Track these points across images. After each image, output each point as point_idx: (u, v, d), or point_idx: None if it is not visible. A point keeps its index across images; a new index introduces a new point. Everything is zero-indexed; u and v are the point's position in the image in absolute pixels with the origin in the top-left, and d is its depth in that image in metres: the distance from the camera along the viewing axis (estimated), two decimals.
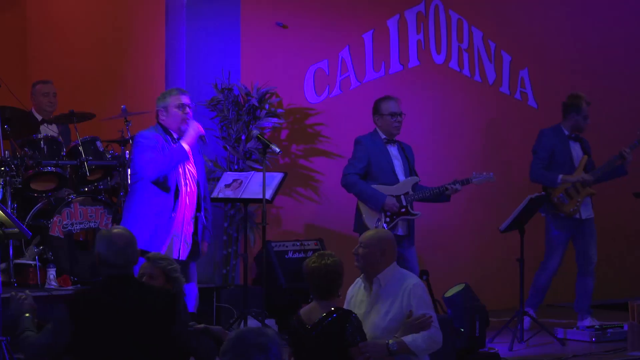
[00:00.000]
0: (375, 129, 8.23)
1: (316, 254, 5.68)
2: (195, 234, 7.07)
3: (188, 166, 6.95)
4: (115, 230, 5.13)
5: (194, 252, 7.07)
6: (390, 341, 5.55)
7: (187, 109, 6.94)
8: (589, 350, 7.87)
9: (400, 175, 8.17)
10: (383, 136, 8.18)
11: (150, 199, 6.81)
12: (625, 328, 7.93)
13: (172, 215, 6.79)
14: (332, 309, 5.51)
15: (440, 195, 8.19)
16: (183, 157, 6.79)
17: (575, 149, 8.95)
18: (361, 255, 5.90)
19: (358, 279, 6.03)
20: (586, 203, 8.89)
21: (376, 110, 8.21)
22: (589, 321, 8.73)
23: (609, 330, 8.23)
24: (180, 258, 6.89)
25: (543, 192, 8.54)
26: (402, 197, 8.08)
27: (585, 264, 8.90)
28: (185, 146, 6.81)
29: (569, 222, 8.83)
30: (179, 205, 6.83)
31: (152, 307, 4.92)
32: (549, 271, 8.89)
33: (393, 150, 8.23)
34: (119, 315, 4.87)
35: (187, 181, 6.90)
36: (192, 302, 6.93)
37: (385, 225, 8.05)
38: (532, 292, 8.92)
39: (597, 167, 8.94)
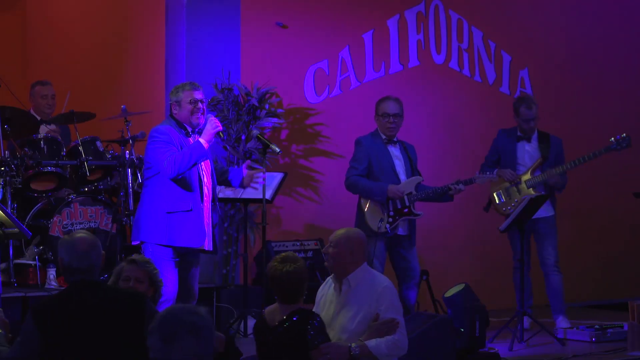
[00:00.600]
0: (377, 129, 8.25)
1: (279, 257, 5.49)
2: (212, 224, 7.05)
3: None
4: (77, 235, 4.94)
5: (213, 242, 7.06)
6: (353, 344, 5.47)
7: (200, 104, 6.91)
8: (589, 350, 7.86)
9: (402, 175, 8.18)
10: (383, 136, 8.19)
11: (181, 193, 6.76)
12: (625, 328, 7.93)
13: (202, 206, 6.79)
14: (294, 311, 5.41)
15: (443, 195, 8.18)
16: (202, 154, 6.70)
17: (529, 150, 8.72)
18: (330, 254, 5.79)
19: (328, 278, 5.95)
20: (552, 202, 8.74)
21: (375, 110, 8.23)
22: (560, 321, 8.57)
23: (609, 330, 8.23)
24: (209, 249, 6.89)
25: (543, 192, 8.53)
26: (405, 197, 8.08)
27: (542, 264, 8.77)
28: (204, 142, 6.76)
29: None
30: (204, 196, 6.84)
31: (120, 310, 4.74)
32: (515, 270, 8.77)
33: (394, 151, 8.23)
34: (87, 321, 4.69)
35: (204, 171, 6.90)
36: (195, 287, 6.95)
37: (387, 225, 8.05)
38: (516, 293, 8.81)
39: (541, 174, 8.74)
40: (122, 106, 8.54)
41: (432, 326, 6.93)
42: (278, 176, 8.21)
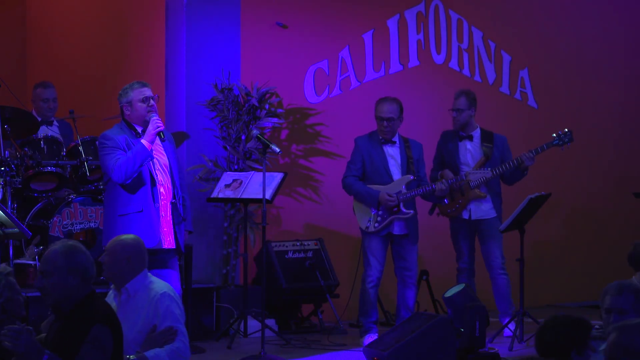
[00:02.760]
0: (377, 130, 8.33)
1: None
2: (173, 223, 6.98)
3: (158, 156, 6.89)
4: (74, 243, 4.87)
5: (176, 241, 6.99)
6: (131, 357, 5.23)
7: (152, 101, 6.87)
8: None
9: (395, 175, 8.22)
10: (380, 136, 8.24)
11: (130, 195, 6.77)
12: None
13: (156, 206, 6.77)
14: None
15: (430, 195, 8.24)
16: (146, 156, 6.68)
17: (470, 149, 8.60)
18: (105, 263, 5.58)
19: (111, 289, 5.75)
20: (479, 204, 8.56)
21: (374, 110, 8.30)
22: (509, 323, 8.42)
23: None
24: (168, 247, 6.86)
25: (543, 192, 8.52)
26: (395, 195, 8.12)
27: (488, 267, 8.61)
28: (146, 143, 6.74)
29: (458, 222, 8.60)
30: (158, 195, 6.80)
31: None
32: (462, 273, 8.58)
33: (390, 150, 8.26)
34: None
35: (159, 171, 6.86)
36: (177, 289, 6.87)
37: (377, 225, 8.11)
38: None
39: (496, 167, 8.59)
40: None
41: (432, 326, 6.94)
42: (278, 176, 8.22)
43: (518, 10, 10.69)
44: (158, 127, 6.77)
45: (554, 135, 8.59)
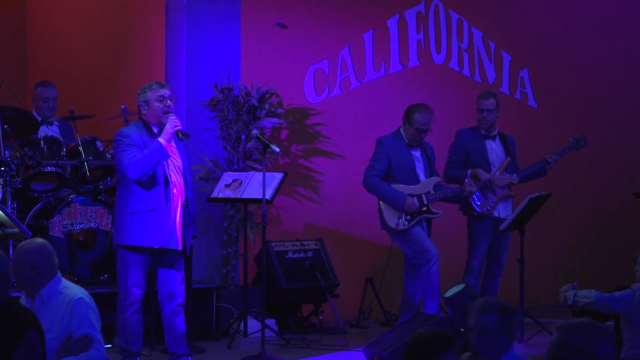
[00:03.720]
0: (400, 130, 8.36)
1: None
2: (182, 225, 6.98)
3: (172, 157, 6.89)
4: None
5: (184, 243, 7.00)
6: None
7: (169, 102, 6.89)
8: None
9: (422, 176, 8.35)
10: (406, 140, 8.29)
11: (143, 194, 6.78)
12: None
13: (168, 206, 6.77)
14: None
15: (459, 196, 8.35)
16: (162, 154, 6.71)
17: (495, 149, 8.75)
18: (13, 271, 5.27)
19: (23, 294, 5.57)
20: (505, 203, 8.69)
21: (408, 116, 8.33)
22: None
23: None
24: (176, 248, 6.86)
25: (543, 192, 8.52)
26: (424, 196, 8.26)
27: (495, 266, 8.72)
28: (163, 142, 6.75)
29: (485, 221, 8.65)
30: (170, 195, 6.81)
31: None
32: (472, 271, 8.71)
33: (415, 153, 8.38)
34: None
35: (173, 172, 6.87)
36: (182, 292, 6.90)
37: (406, 223, 8.19)
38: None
39: (520, 170, 8.75)
40: (122, 106, 8.54)
41: (432, 326, 6.93)
42: (278, 176, 8.22)
43: (518, 10, 10.69)
44: (176, 125, 6.80)
45: (571, 139, 8.84)
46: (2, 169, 8.05)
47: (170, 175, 6.81)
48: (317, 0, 9.74)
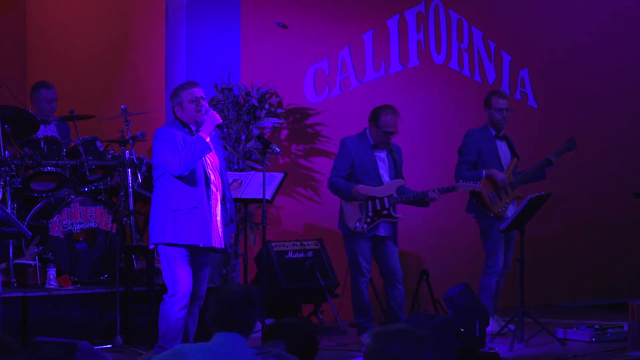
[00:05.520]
0: (365, 131, 8.26)
1: None
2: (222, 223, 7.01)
3: (209, 156, 6.92)
4: None
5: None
6: None
7: (202, 101, 6.92)
8: (589, 350, 7.86)
9: (385, 178, 8.23)
10: (372, 142, 8.21)
11: (184, 191, 6.78)
12: (625, 328, 7.92)
13: (209, 204, 6.80)
14: None
15: (421, 201, 8.24)
16: (204, 147, 6.73)
17: (503, 150, 8.77)
18: None
19: None
20: (512, 206, 8.71)
21: (374, 118, 8.21)
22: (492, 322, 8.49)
23: (609, 330, 8.23)
24: (219, 246, 6.90)
25: (543, 192, 8.52)
26: (385, 199, 8.15)
27: (505, 266, 8.73)
28: (204, 136, 6.78)
29: (499, 223, 8.63)
30: (211, 193, 6.84)
31: None
32: (497, 272, 8.72)
33: (380, 154, 8.26)
34: None
35: (212, 170, 6.90)
36: (204, 293, 6.97)
37: (365, 225, 8.12)
38: (485, 297, 8.65)
39: (523, 171, 8.76)
40: (122, 106, 8.54)
41: (432, 326, 6.93)
42: (278, 176, 8.21)
43: (518, 10, 10.69)
44: (217, 119, 6.84)
45: (565, 139, 8.88)
46: (2, 169, 8.05)
47: (209, 173, 6.85)
48: (317, 0, 9.74)
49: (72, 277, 8.13)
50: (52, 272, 8.02)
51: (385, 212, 8.14)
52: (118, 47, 10.12)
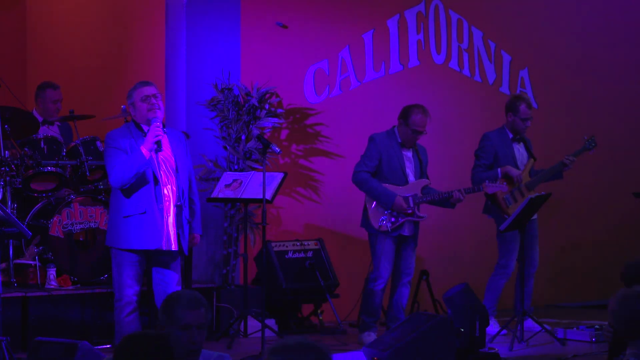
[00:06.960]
0: (394, 129, 8.30)
1: None
2: (178, 225, 6.96)
3: (164, 157, 6.87)
4: None
5: (179, 243, 6.97)
6: None
7: (152, 99, 6.86)
8: (589, 350, 7.87)
9: (411, 177, 8.26)
10: (399, 140, 8.24)
11: (134, 197, 6.77)
12: None
13: (159, 207, 6.77)
14: None
15: (446, 201, 8.25)
16: (142, 164, 6.68)
17: (520, 151, 8.80)
18: None
19: None
20: None
21: (404, 116, 8.24)
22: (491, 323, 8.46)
23: None
24: (171, 249, 6.85)
25: (543, 192, 8.52)
26: (410, 198, 8.15)
27: (528, 266, 8.68)
28: (144, 151, 6.71)
29: None
30: (161, 195, 6.79)
31: None
32: (508, 274, 8.71)
33: (407, 153, 8.30)
34: None
35: (164, 172, 6.84)
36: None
37: (389, 224, 8.10)
38: (490, 297, 8.70)
39: (539, 171, 8.79)
40: (122, 106, 8.54)
41: (432, 326, 6.94)
42: (278, 176, 8.21)
43: (518, 10, 10.69)
44: (157, 135, 6.76)
45: (584, 138, 8.93)
46: (2, 169, 8.05)
47: (160, 175, 6.80)
48: (317, 0, 9.74)
49: (72, 277, 8.14)
50: (52, 272, 8.02)
51: (410, 211, 8.15)
52: (118, 47, 10.13)
